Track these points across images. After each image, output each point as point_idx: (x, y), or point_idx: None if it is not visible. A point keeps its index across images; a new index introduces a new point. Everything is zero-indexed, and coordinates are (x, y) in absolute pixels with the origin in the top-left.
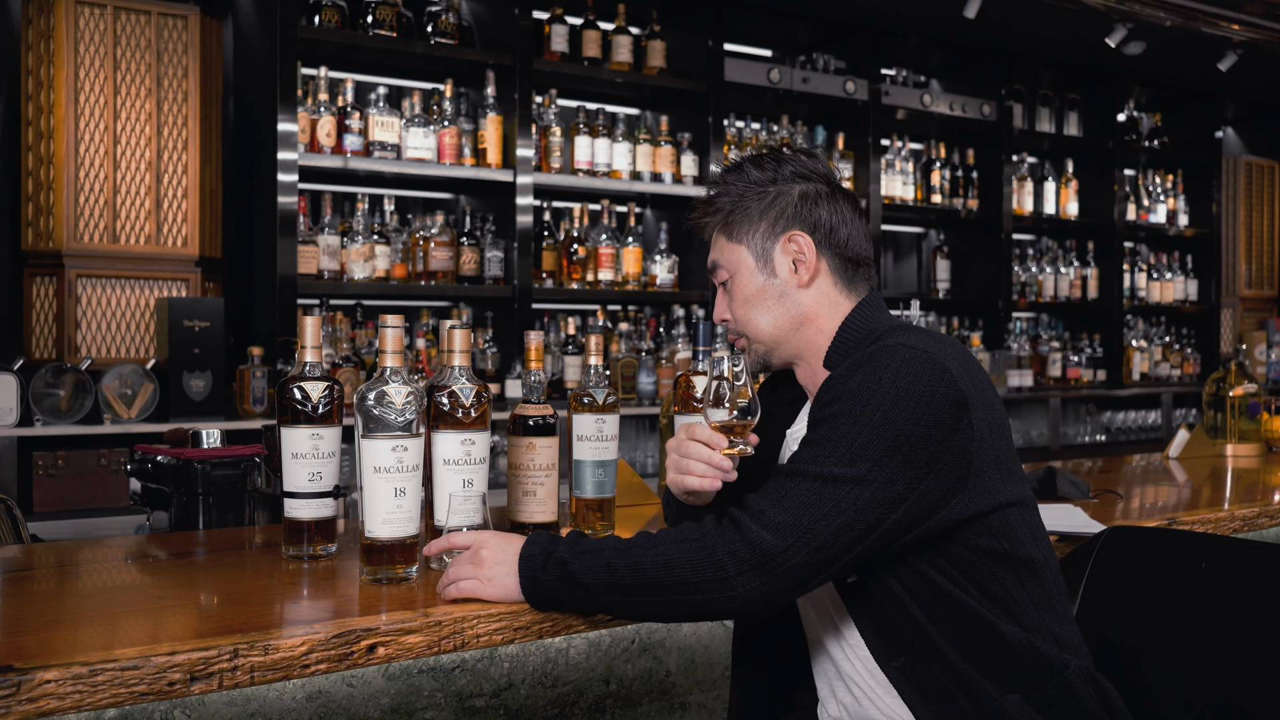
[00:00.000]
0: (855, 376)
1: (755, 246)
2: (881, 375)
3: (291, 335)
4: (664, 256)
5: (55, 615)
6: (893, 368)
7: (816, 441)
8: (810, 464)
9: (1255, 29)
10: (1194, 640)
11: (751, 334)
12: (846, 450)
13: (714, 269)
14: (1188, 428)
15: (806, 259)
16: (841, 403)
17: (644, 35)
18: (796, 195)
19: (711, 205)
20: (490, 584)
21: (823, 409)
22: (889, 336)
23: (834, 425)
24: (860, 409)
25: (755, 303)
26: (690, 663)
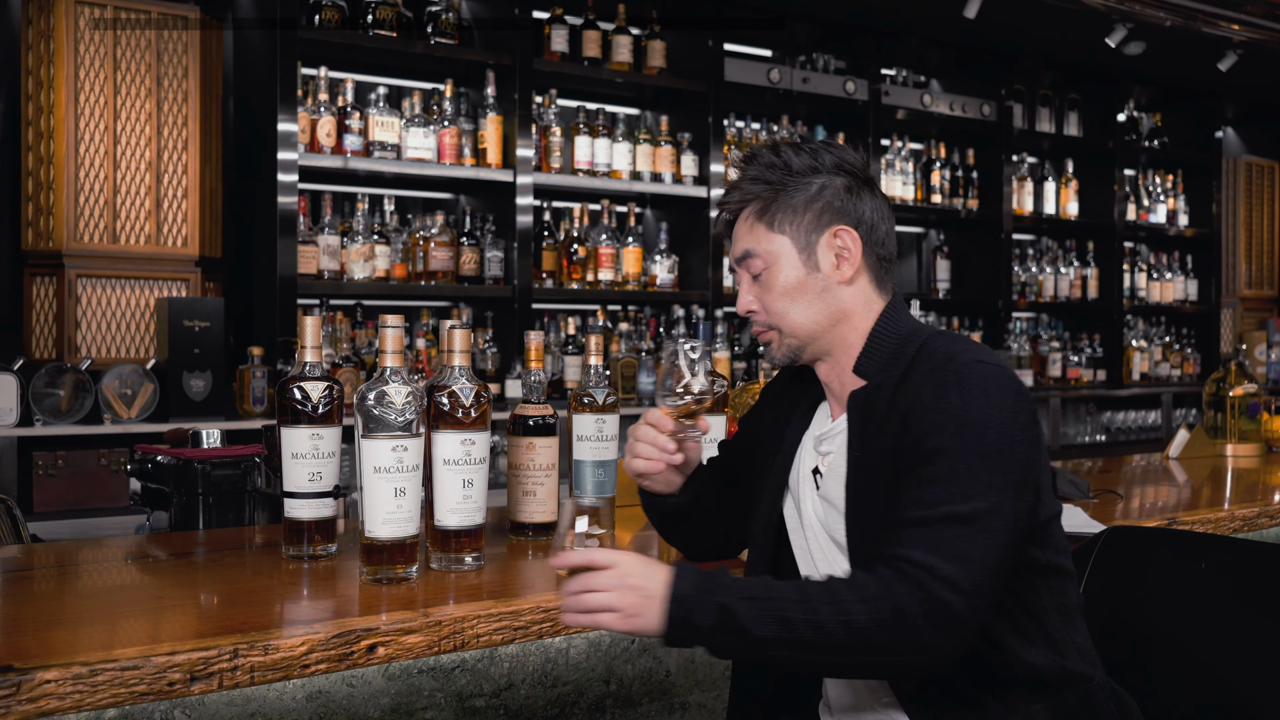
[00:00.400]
0: (950, 401)
1: (799, 238)
2: (977, 397)
3: (291, 335)
4: (664, 256)
5: (55, 615)
6: (983, 387)
7: (941, 479)
8: (948, 504)
9: (1255, 29)
10: (1194, 640)
11: (787, 328)
12: (977, 482)
13: (746, 258)
14: (1188, 428)
15: (852, 255)
16: (949, 432)
17: (644, 35)
18: (841, 188)
19: (748, 191)
20: (633, 619)
21: (928, 439)
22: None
23: (953, 458)
24: (972, 437)
25: (795, 295)
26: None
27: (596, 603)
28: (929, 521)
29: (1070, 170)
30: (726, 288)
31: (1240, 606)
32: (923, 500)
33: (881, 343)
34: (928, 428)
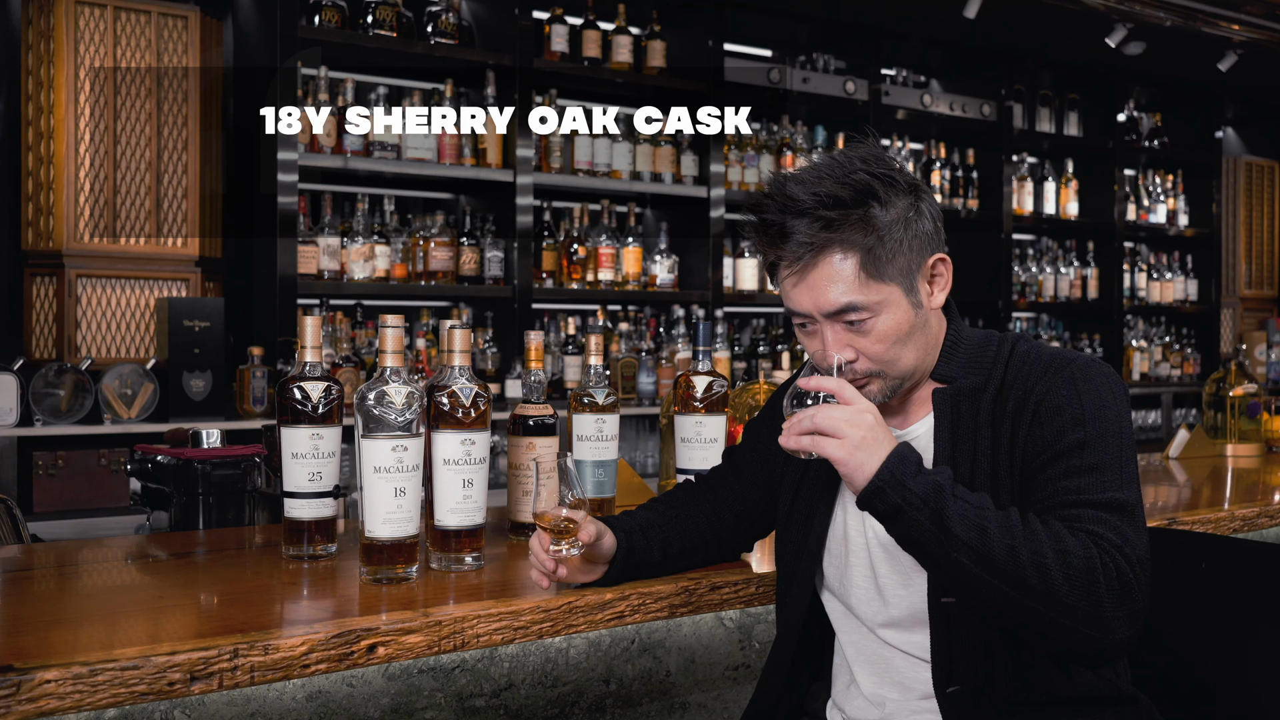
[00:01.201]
0: (1086, 398)
1: (906, 281)
2: (1104, 392)
3: (291, 335)
4: (664, 256)
5: (55, 615)
6: (1104, 384)
7: (1094, 468)
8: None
9: (1255, 29)
10: (1193, 640)
11: (896, 372)
12: (1123, 473)
13: (848, 311)
14: (1188, 428)
15: (944, 279)
16: (1089, 426)
17: (644, 35)
18: (926, 211)
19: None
20: (854, 451)
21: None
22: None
23: (1099, 450)
24: (1111, 430)
25: (904, 339)
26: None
27: (827, 424)
28: (1098, 504)
29: (1070, 170)
30: (726, 287)
31: (1240, 606)
32: (1083, 488)
33: (960, 346)
34: (1069, 423)
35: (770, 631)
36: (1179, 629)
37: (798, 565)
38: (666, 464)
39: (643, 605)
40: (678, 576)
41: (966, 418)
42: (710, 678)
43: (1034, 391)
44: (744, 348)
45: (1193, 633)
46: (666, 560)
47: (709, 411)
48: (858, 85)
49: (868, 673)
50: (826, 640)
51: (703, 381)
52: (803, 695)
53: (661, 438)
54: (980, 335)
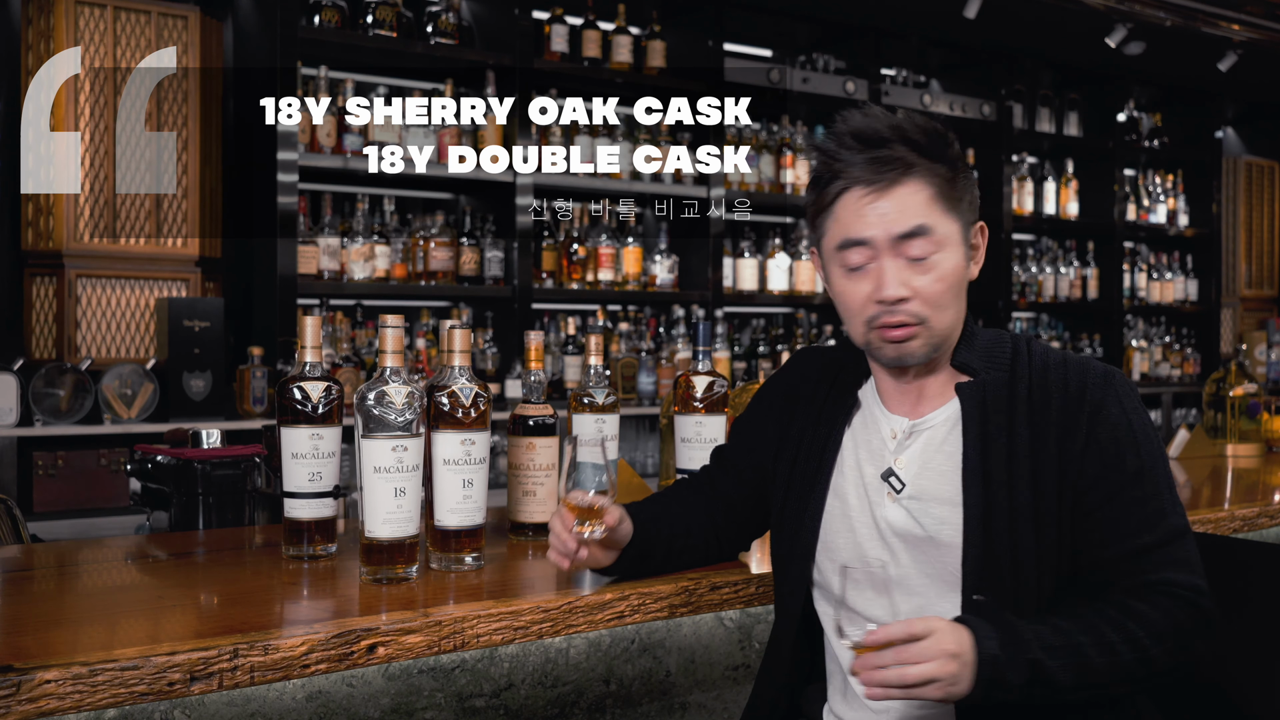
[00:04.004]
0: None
1: (964, 228)
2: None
3: (291, 335)
4: (664, 256)
5: (55, 615)
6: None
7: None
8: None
9: (1255, 29)
10: None
11: (938, 323)
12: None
13: (917, 234)
14: (1188, 428)
15: (981, 253)
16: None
17: (644, 35)
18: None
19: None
20: (951, 688)
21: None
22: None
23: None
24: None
25: (955, 289)
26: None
27: (918, 675)
28: (1165, 542)
29: (1070, 170)
30: (726, 287)
31: (1240, 607)
32: (1148, 522)
33: (973, 338)
34: (1125, 447)
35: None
36: None
37: (790, 564)
38: (666, 464)
39: (643, 605)
40: (677, 576)
41: (995, 413)
42: (710, 678)
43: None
44: (744, 348)
45: None
46: (671, 555)
47: (709, 411)
48: (858, 85)
49: None
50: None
51: (703, 381)
52: (799, 697)
53: (661, 438)
54: (990, 330)
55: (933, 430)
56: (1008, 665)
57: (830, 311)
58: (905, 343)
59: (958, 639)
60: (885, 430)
